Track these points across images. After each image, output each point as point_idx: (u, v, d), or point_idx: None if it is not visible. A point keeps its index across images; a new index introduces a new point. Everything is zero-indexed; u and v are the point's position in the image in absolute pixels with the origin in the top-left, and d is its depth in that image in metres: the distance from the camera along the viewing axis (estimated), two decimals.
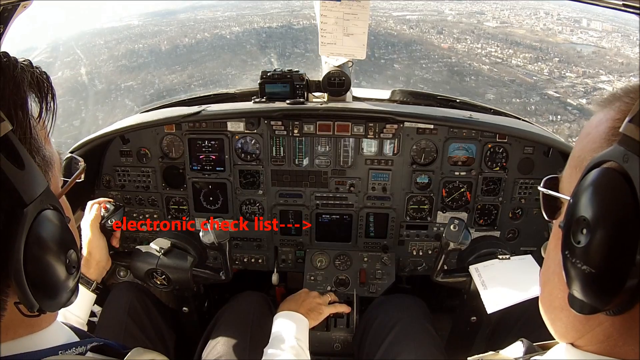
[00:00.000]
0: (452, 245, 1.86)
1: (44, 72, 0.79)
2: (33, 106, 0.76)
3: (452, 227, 1.86)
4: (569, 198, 0.69)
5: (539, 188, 0.83)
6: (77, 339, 0.89)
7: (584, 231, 0.63)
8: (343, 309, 2.20)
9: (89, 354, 0.85)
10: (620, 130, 0.62)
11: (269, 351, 1.74)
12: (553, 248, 0.79)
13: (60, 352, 0.81)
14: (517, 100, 21.49)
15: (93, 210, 1.93)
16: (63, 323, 0.92)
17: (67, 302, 0.81)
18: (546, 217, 0.83)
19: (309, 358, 1.79)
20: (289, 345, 1.75)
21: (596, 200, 0.63)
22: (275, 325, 1.90)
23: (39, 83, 0.77)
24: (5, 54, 0.74)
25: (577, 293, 0.65)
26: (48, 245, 0.73)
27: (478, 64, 26.86)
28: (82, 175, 0.94)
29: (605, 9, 1.37)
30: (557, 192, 0.79)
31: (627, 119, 0.62)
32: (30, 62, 0.77)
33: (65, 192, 0.87)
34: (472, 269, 1.90)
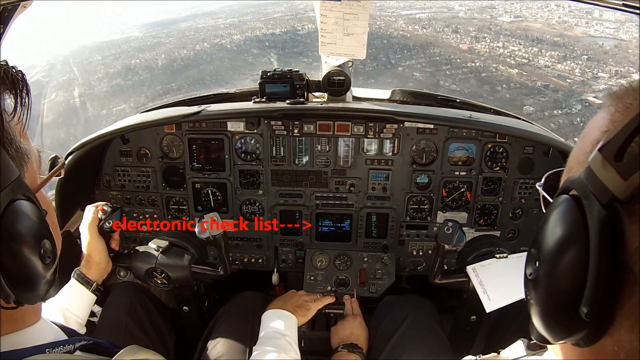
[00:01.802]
0: (447, 247, 1.86)
1: (20, 70, 0.84)
2: (8, 102, 0.80)
3: (445, 229, 1.85)
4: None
5: (537, 186, 0.80)
6: (65, 337, 0.88)
7: (537, 263, 0.60)
8: (328, 300, 2.20)
9: (77, 352, 0.84)
10: (589, 159, 0.54)
11: (257, 349, 1.73)
12: None
13: (47, 350, 0.80)
14: (559, 112, 20.01)
15: (90, 213, 1.93)
16: (53, 322, 0.92)
17: (46, 295, 0.81)
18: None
19: (299, 354, 1.78)
20: (277, 343, 1.74)
21: (547, 233, 0.59)
22: (263, 323, 1.89)
23: (13, 80, 0.81)
24: None
25: (531, 319, 0.64)
26: (20, 235, 0.73)
27: (505, 67, 25.10)
28: (62, 172, 0.96)
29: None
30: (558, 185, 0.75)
31: (598, 146, 0.53)
32: (6, 62, 0.82)
33: (42, 186, 0.88)
34: (470, 269, 1.90)
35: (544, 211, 0.78)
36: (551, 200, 0.70)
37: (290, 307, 1.98)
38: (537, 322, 0.62)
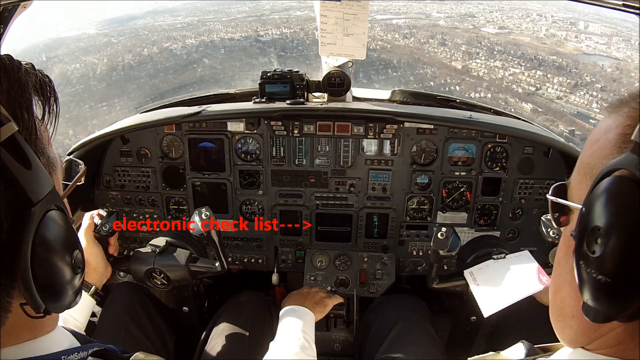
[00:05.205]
0: (441, 253, 1.83)
1: (46, 75, 0.80)
2: (36, 108, 0.77)
3: (439, 235, 1.80)
4: (579, 206, 0.68)
5: (548, 196, 0.82)
6: (79, 344, 0.89)
7: (599, 241, 0.63)
8: (340, 299, 2.21)
9: (90, 358, 0.85)
10: (632, 137, 0.62)
11: (274, 345, 1.73)
12: (563, 256, 0.79)
13: (62, 357, 0.80)
14: None
15: (86, 219, 1.93)
16: (64, 328, 0.92)
17: (73, 303, 0.81)
18: (555, 225, 0.83)
19: (315, 352, 1.77)
20: (296, 338, 1.73)
21: (610, 209, 0.62)
22: (282, 318, 1.89)
23: (42, 86, 0.77)
24: (9, 57, 0.74)
25: (592, 302, 0.65)
26: (54, 246, 0.73)
27: (514, 98, 22.54)
28: (83, 179, 0.94)
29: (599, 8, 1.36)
30: (566, 199, 0.79)
31: (638, 126, 0.61)
32: (33, 65, 0.78)
33: (67, 194, 0.88)
34: (467, 273, 1.88)
35: (555, 224, 0.82)
36: (573, 204, 0.75)
37: (309, 304, 1.98)
38: (601, 298, 0.64)
